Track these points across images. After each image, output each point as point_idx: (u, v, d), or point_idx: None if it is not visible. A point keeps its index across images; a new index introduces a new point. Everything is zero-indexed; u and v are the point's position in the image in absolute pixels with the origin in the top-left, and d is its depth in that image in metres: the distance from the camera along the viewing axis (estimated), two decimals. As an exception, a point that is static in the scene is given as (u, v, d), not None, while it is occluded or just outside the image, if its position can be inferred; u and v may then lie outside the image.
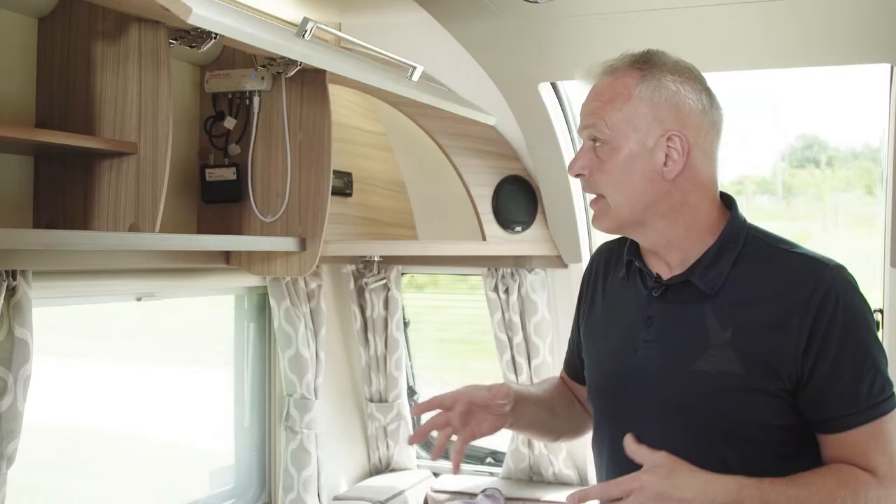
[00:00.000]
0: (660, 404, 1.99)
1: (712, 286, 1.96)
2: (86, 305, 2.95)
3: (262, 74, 2.92)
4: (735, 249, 1.98)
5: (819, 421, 1.91)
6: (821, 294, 1.87)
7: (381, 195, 3.85)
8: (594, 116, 1.97)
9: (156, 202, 2.36)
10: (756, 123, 4.58)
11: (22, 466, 2.31)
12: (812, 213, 5.94)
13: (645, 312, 2.04)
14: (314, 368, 3.46)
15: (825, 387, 1.87)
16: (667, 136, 1.93)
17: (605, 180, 1.97)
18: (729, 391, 1.91)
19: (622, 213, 1.98)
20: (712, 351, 1.93)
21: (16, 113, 2.38)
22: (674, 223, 1.99)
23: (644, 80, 1.95)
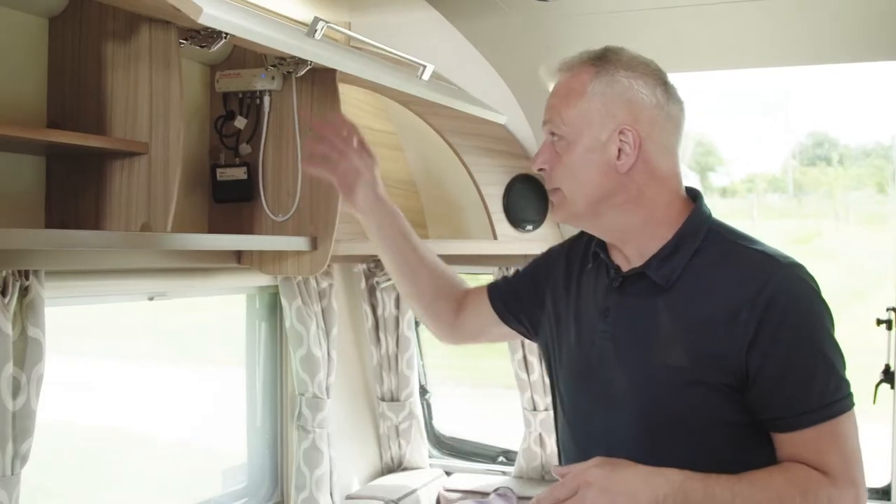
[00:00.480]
0: (612, 395, 2.03)
1: (667, 279, 1.99)
2: (98, 305, 2.96)
3: (273, 74, 2.92)
4: (694, 243, 2.00)
5: (770, 419, 1.92)
6: (770, 291, 1.89)
7: (392, 194, 3.80)
8: (551, 112, 2.04)
9: (167, 202, 2.37)
10: (766, 121, 4.57)
11: (35, 465, 2.32)
12: (823, 211, 5.94)
13: (604, 304, 2.08)
14: (326, 367, 3.47)
15: (774, 385, 1.88)
16: (619, 131, 1.98)
17: (561, 174, 2.03)
18: (676, 384, 1.95)
19: (577, 205, 2.03)
20: (662, 344, 1.96)
21: (27, 113, 2.39)
22: (630, 216, 2.02)
23: (598, 76, 2.00)
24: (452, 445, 4.35)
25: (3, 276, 2.20)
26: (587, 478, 1.82)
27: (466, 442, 4.33)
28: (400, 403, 4.08)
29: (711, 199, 9.24)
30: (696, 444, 1.94)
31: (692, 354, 1.93)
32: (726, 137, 10.22)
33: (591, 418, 2.09)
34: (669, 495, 1.81)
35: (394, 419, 4.09)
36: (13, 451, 2.24)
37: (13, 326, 2.23)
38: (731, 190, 14.01)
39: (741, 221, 12.00)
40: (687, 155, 14.87)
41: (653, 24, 3.04)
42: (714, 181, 14.29)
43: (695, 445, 1.93)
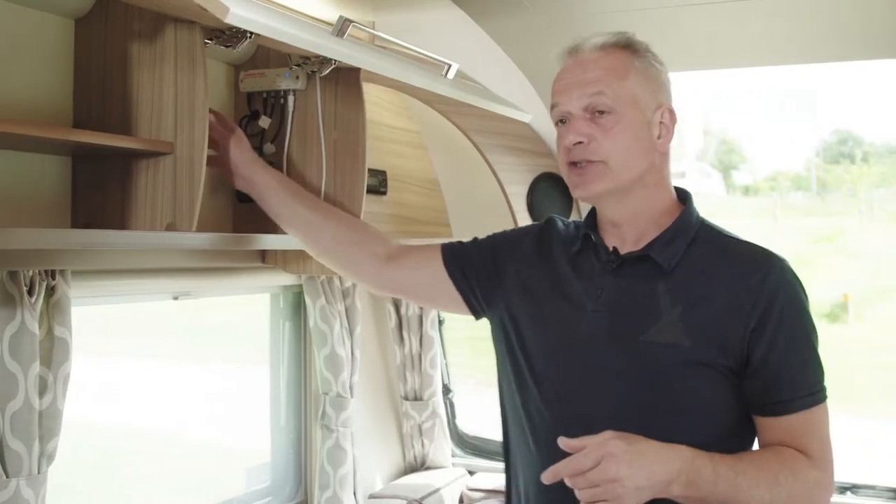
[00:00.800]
0: (604, 374, 2.07)
1: (669, 263, 2.06)
2: (123, 304, 2.97)
3: (297, 73, 2.91)
4: (690, 234, 2.10)
5: (763, 404, 2.01)
6: (773, 283, 2.00)
7: (415, 193, 3.85)
8: (597, 86, 2.06)
9: (192, 201, 2.37)
10: (790, 119, 4.56)
11: (62, 464, 2.33)
12: (847, 209, 5.92)
13: (597, 284, 2.12)
14: (350, 367, 3.47)
15: (774, 371, 1.98)
16: (660, 110, 2.08)
17: (610, 146, 2.06)
18: (675, 363, 2.01)
19: (623, 177, 2.07)
20: (661, 324, 2.02)
21: (54, 114, 2.39)
22: (650, 196, 2.11)
23: (636, 56, 2.09)
24: (476, 445, 4.35)
25: (29, 276, 2.21)
26: (610, 449, 1.84)
27: (490, 441, 4.32)
28: (423, 402, 4.08)
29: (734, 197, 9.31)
30: (682, 425, 1.98)
31: (694, 335, 2.00)
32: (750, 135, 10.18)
33: (571, 397, 2.11)
34: (683, 471, 1.86)
35: (417, 418, 4.09)
36: (40, 449, 2.25)
37: (40, 326, 2.24)
38: (755, 188, 14.01)
39: (764, 220, 12.03)
40: (710, 153, 14.86)
41: (679, 22, 3.03)
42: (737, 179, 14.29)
43: (681, 427, 1.98)
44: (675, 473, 1.85)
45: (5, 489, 2.18)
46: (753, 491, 1.91)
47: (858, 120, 5.14)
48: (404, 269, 2.50)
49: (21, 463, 2.20)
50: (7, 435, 2.18)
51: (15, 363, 2.18)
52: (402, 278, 2.52)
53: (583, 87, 2.08)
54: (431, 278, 2.44)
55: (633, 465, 1.83)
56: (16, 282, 2.18)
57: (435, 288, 2.45)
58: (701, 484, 1.88)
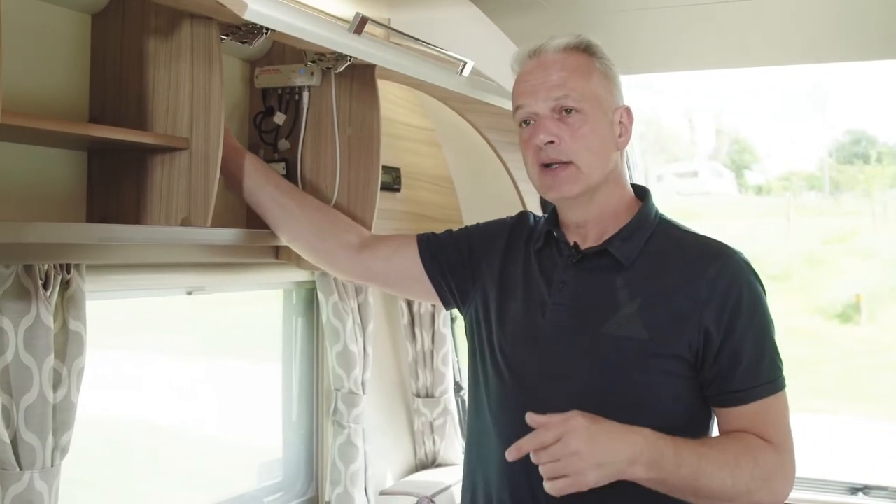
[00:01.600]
0: (565, 365, 2.11)
1: (628, 257, 2.11)
2: (137, 299, 2.98)
3: (312, 70, 2.92)
4: (648, 229, 2.16)
5: (721, 394, 2.07)
6: (729, 274, 2.06)
7: (428, 190, 3.86)
8: (563, 87, 2.12)
9: (207, 197, 2.37)
10: (803, 118, 4.55)
11: (74, 458, 2.34)
12: (860, 209, 5.91)
13: (558, 278, 2.18)
14: (362, 363, 3.47)
15: (731, 362, 2.03)
16: (619, 110, 2.15)
17: (579, 146, 2.11)
18: (633, 356, 2.06)
19: (592, 177, 2.13)
20: (621, 318, 2.08)
21: (70, 108, 2.40)
22: (612, 194, 2.18)
23: (595, 57, 2.16)
24: (487, 442, 4.34)
25: (45, 270, 2.22)
26: (572, 425, 1.88)
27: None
28: (435, 400, 4.08)
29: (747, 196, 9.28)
30: (641, 416, 2.00)
31: (652, 327, 2.05)
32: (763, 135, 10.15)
33: (533, 390, 2.15)
34: (645, 451, 1.89)
35: (428, 415, 4.09)
36: (53, 443, 2.26)
37: (55, 319, 2.25)
38: (767, 188, 13.98)
39: (777, 219, 12.00)
40: (722, 152, 14.82)
41: (695, 21, 3.03)
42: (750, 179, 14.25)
43: (640, 418, 1.99)
44: (637, 453, 1.89)
45: (19, 482, 2.19)
46: (715, 474, 1.95)
47: (872, 120, 5.14)
48: (377, 257, 2.56)
49: (35, 456, 2.21)
50: (21, 428, 2.19)
51: (29, 356, 2.19)
52: (374, 267, 2.58)
53: (549, 88, 2.13)
54: (405, 268, 2.50)
55: (594, 441, 1.87)
56: (31, 275, 2.19)
57: (407, 277, 2.52)
58: (663, 466, 1.91)
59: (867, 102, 4.42)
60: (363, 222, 2.96)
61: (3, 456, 2.17)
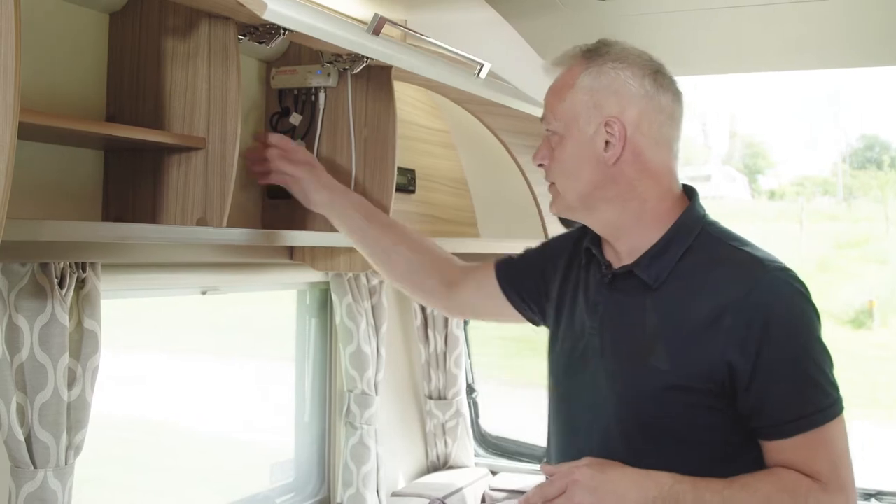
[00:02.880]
0: (594, 393, 2.03)
1: (655, 278, 1.98)
2: (152, 298, 2.98)
3: (328, 71, 2.92)
4: (685, 242, 1.99)
5: (759, 427, 1.91)
6: (756, 295, 1.88)
7: (443, 192, 3.85)
8: (545, 108, 2.10)
9: (223, 197, 2.37)
10: (817, 124, 4.54)
11: (88, 457, 2.34)
12: (874, 214, 5.89)
13: (595, 300, 2.09)
14: (375, 364, 3.47)
15: (762, 392, 1.87)
16: (605, 122, 1.99)
17: (555, 168, 2.08)
18: (655, 386, 1.95)
19: (568, 198, 2.07)
20: (645, 344, 1.96)
21: (87, 107, 2.41)
22: (622, 210, 2.03)
23: (587, 69, 2.03)
24: (498, 445, 4.34)
25: (60, 268, 2.22)
26: (575, 476, 1.85)
27: (512, 441, 4.32)
28: (447, 402, 4.08)
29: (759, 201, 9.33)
30: (671, 448, 1.93)
31: (673, 358, 1.92)
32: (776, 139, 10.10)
33: (573, 415, 2.11)
34: (658, 498, 1.82)
35: (441, 417, 4.09)
36: (67, 441, 2.26)
37: (70, 318, 2.25)
38: (780, 192, 13.91)
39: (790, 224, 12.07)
40: (735, 157, 14.79)
41: (709, 25, 3.01)
42: (763, 183, 14.20)
43: (670, 450, 1.93)
44: (649, 500, 1.82)
45: (32, 480, 2.19)
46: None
47: (886, 126, 5.11)
48: (468, 289, 2.50)
49: (49, 454, 2.21)
50: (35, 426, 2.20)
51: (45, 355, 2.19)
52: (467, 300, 2.53)
53: (543, 111, 2.13)
54: (491, 299, 2.45)
55: (599, 492, 1.82)
56: (47, 274, 2.19)
57: (496, 307, 2.47)
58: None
59: (881, 108, 4.40)
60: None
61: (18, 454, 2.18)
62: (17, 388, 2.18)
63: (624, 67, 2.02)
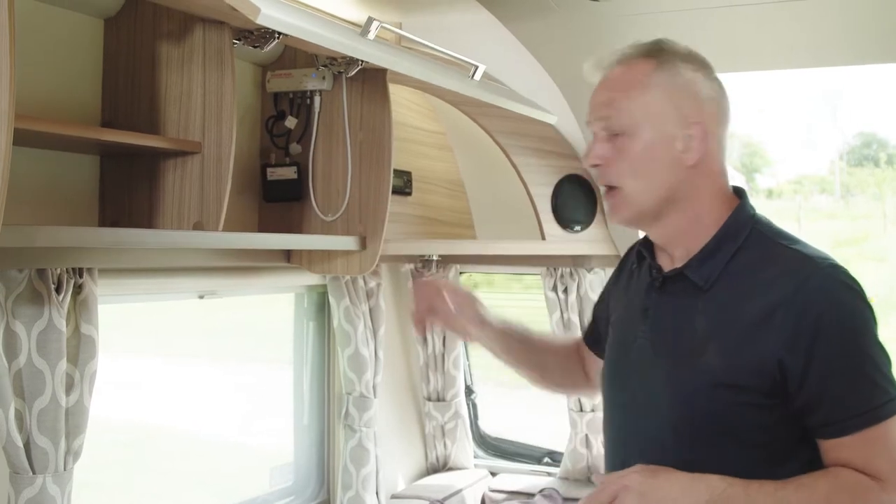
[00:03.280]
0: (646, 395, 1.99)
1: (706, 280, 1.95)
2: (149, 303, 2.98)
3: (324, 74, 2.93)
4: (735, 242, 1.96)
5: (816, 426, 1.86)
6: (807, 293, 1.84)
7: (440, 194, 3.86)
8: (609, 107, 1.97)
9: (219, 201, 2.38)
10: (814, 122, 4.53)
11: (86, 462, 2.34)
12: (871, 212, 5.87)
13: (645, 303, 2.05)
14: (373, 367, 3.47)
15: (820, 390, 1.83)
16: (685, 124, 1.92)
17: (622, 170, 1.96)
18: (708, 387, 1.89)
19: (641, 203, 1.96)
20: (697, 346, 1.92)
21: (82, 112, 2.41)
22: (685, 214, 1.98)
23: (660, 68, 1.95)
24: (498, 446, 4.34)
25: (57, 274, 2.22)
26: (626, 482, 1.80)
27: (512, 443, 4.32)
28: (446, 403, 4.08)
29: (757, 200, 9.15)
30: (725, 449, 1.89)
31: (725, 357, 1.88)
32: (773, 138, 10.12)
33: (626, 418, 2.07)
34: (710, 502, 1.78)
35: (439, 419, 4.09)
36: (66, 446, 2.26)
37: (67, 323, 2.26)
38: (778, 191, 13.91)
39: (787, 223, 11.95)
40: (733, 156, 14.75)
41: (704, 24, 3.02)
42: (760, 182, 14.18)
43: (724, 451, 1.89)
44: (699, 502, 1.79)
45: (31, 485, 2.19)
46: None
47: (883, 123, 5.12)
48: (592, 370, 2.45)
49: (48, 460, 2.21)
50: (34, 432, 2.20)
51: (42, 360, 2.20)
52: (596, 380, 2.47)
53: (598, 109, 2.00)
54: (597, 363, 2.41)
55: (649, 497, 1.79)
56: (44, 280, 2.19)
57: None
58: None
59: (878, 106, 4.40)
60: (374, 227, 2.97)
61: (16, 460, 2.18)
62: (16, 395, 2.18)
63: (696, 68, 1.97)
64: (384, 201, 2.95)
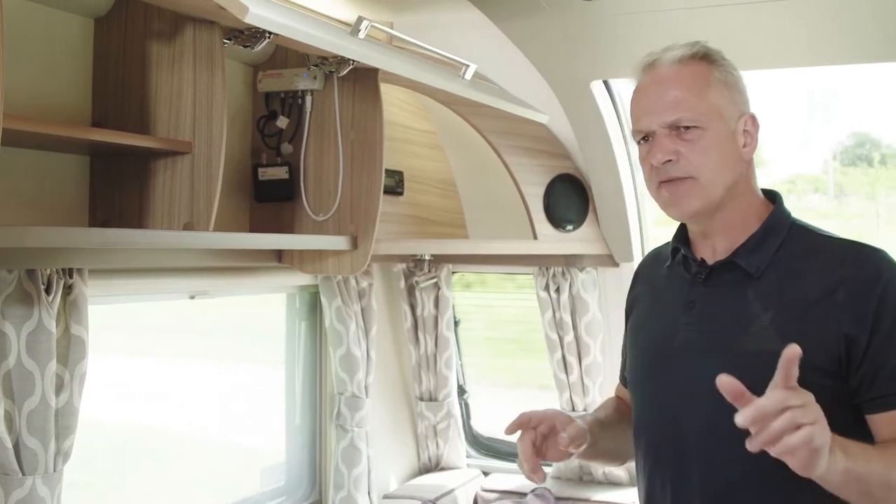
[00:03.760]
0: (701, 387, 1.98)
1: (757, 267, 2.00)
2: (140, 303, 2.97)
3: (315, 74, 2.92)
4: (780, 235, 2.03)
5: (872, 399, 1.90)
6: (869, 273, 1.91)
7: (432, 194, 3.85)
8: (679, 104, 2.01)
9: (210, 201, 2.37)
10: (807, 121, 4.53)
11: (76, 463, 2.33)
12: (865, 212, 5.86)
13: (687, 297, 2.08)
14: (365, 367, 3.47)
15: (881, 363, 1.88)
16: (742, 118, 2.02)
17: (699, 161, 2.00)
18: (768, 370, 1.89)
19: (714, 192, 2.02)
20: (753, 331, 1.96)
21: (72, 112, 2.40)
22: (739, 207, 2.05)
23: (715, 66, 2.02)
24: (490, 446, 4.34)
25: (47, 275, 2.22)
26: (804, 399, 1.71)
27: (504, 442, 4.32)
28: (438, 403, 4.08)
29: (751, 199, 9.08)
30: None
31: (787, 338, 1.85)
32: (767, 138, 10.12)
33: (670, 408, 2.07)
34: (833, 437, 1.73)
35: (432, 419, 4.09)
36: (56, 447, 2.26)
37: (57, 324, 2.25)
38: (771, 190, 13.87)
39: (781, 222, 11.94)
40: (726, 154, 14.78)
41: (695, 24, 3.01)
42: (753, 181, 14.16)
43: None
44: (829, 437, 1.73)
45: (21, 487, 2.19)
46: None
47: (876, 123, 5.10)
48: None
49: (37, 461, 2.21)
50: (23, 433, 2.19)
51: (32, 361, 2.19)
52: None
53: (664, 107, 2.03)
54: None
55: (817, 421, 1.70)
56: (33, 280, 2.18)
57: None
58: (855, 455, 1.78)
59: (872, 105, 4.40)
60: (365, 227, 2.97)
61: (6, 461, 2.17)
62: (5, 395, 2.18)
63: (734, 67, 2.06)
64: (375, 201, 2.95)
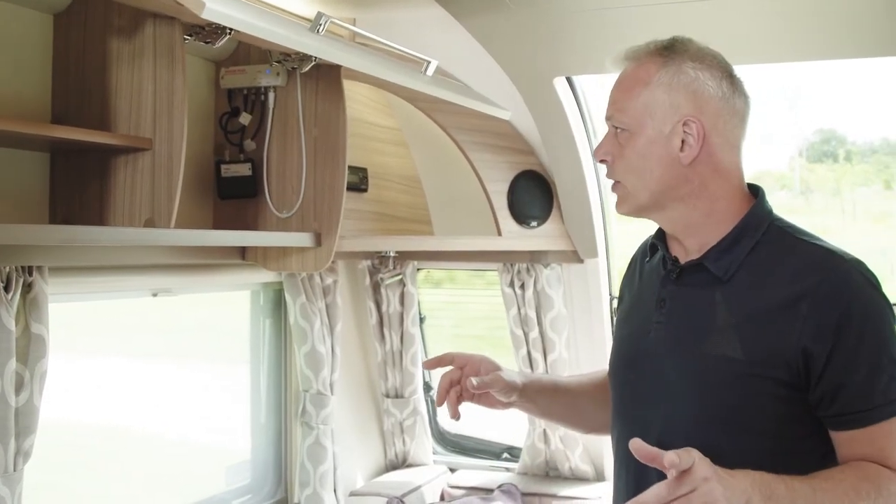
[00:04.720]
0: (665, 386, 2.01)
1: (725, 271, 1.97)
2: (101, 301, 2.96)
3: (277, 70, 2.91)
4: (754, 237, 1.99)
5: (833, 416, 1.88)
6: (833, 285, 1.87)
7: (396, 190, 3.85)
8: (615, 104, 2.02)
9: (171, 198, 2.36)
10: (773, 118, 4.54)
11: (38, 463, 2.32)
12: (830, 208, 5.90)
13: (659, 294, 2.07)
14: (330, 364, 3.47)
15: (839, 381, 1.85)
16: (683, 122, 1.96)
17: (623, 166, 2.01)
18: (729, 376, 1.91)
19: (639, 198, 2.02)
20: (717, 335, 1.94)
21: (32, 109, 2.39)
22: (693, 209, 2.01)
23: (664, 66, 1.98)
24: (456, 442, 4.35)
25: (6, 272, 2.20)
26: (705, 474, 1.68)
27: (470, 438, 4.33)
28: (404, 400, 4.07)
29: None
30: (741, 438, 1.90)
31: (747, 347, 1.89)
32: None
33: (641, 410, 2.06)
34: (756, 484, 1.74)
35: (398, 416, 4.09)
36: (16, 447, 2.24)
37: (16, 323, 2.23)
38: (737, 187, 13.95)
39: (746, 218, 12.00)
40: (691, 151, 14.84)
41: (661, 19, 3.02)
42: (719, 178, 14.24)
43: (740, 439, 1.90)
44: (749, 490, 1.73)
45: (-20, 487, 2.17)
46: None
47: (842, 119, 5.13)
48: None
49: (-3, 460, 2.19)
50: (-17, 432, 2.18)
51: (-9, 360, 2.17)
52: None
53: (608, 106, 2.05)
54: None
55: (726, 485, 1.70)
56: (-7, 278, 2.17)
57: None
58: (779, 499, 1.76)
59: (837, 102, 4.43)
60: (329, 223, 2.96)
61: (-35, 460, 2.15)
62: (-36, 394, 2.16)
63: (703, 68, 1.99)
64: (339, 198, 2.94)
